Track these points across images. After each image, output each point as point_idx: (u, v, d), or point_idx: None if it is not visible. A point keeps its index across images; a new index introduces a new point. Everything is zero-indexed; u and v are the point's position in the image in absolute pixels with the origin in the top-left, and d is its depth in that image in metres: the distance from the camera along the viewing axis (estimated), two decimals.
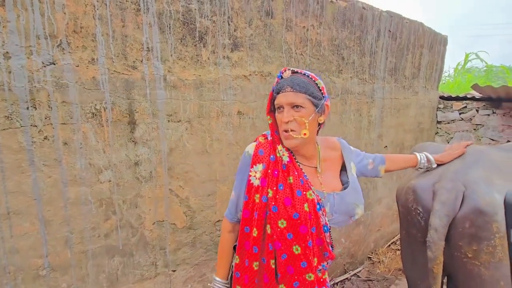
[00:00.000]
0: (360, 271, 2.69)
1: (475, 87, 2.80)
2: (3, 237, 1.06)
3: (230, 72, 1.56)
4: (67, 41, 1.10)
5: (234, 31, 1.54)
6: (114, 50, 1.21)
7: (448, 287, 1.71)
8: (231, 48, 1.55)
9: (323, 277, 1.00)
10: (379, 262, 2.82)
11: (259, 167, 0.90)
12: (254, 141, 0.97)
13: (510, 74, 6.16)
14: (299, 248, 0.88)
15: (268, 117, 0.94)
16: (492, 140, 3.12)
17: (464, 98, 3.33)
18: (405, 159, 1.27)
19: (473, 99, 3.26)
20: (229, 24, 1.52)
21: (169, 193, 1.45)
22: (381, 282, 2.57)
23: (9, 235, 1.07)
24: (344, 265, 2.60)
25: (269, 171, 0.89)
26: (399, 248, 3.06)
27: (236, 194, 0.97)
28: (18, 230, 1.08)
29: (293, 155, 0.94)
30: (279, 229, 0.87)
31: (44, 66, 1.07)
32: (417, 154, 1.29)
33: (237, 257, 0.96)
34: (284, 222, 0.86)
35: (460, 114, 3.31)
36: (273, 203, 0.87)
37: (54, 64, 1.09)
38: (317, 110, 0.87)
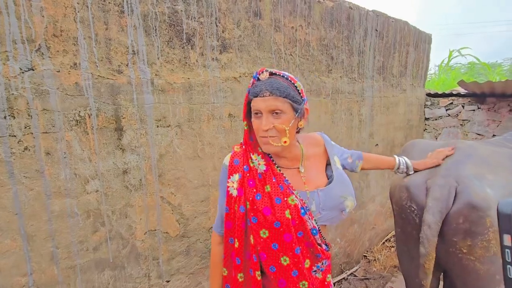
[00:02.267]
0: (356, 270, 2.69)
1: (461, 83, 2.86)
2: None
3: (219, 74, 1.53)
4: (46, 46, 1.04)
5: (222, 32, 1.51)
6: (97, 54, 1.16)
7: (444, 283, 1.72)
8: (220, 50, 1.52)
9: (327, 280, 0.96)
10: (374, 260, 2.82)
11: (236, 177, 0.88)
12: (231, 151, 0.94)
13: (491, 71, 6.36)
14: (287, 259, 0.85)
15: (245, 122, 0.88)
16: (479, 134, 3.19)
17: (450, 95, 3.40)
18: (382, 160, 1.26)
19: (458, 95, 3.33)
20: (217, 26, 1.49)
21: (161, 200, 1.40)
22: (377, 280, 2.58)
23: None
24: (341, 265, 2.59)
25: (245, 181, 0.87)
26: (393, 245, 3.09)
27: (220, 207, 0.95)
28: None
29: (273, 160, 0.90)
30: (262, 239, 0.84)
31: (22, 72, 1.01)
32: (397, 158, 1.29)
33: (224, 269, 0.94)
34: (266, 232, 0.84)
35: (446, 110, 3.37)
36: (252, 214, 0.84)
37: (32, 70, 1.03)
38: (297, 115, 0.81)
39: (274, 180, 0.86)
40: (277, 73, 0.82)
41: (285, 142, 0.80)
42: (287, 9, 1.78)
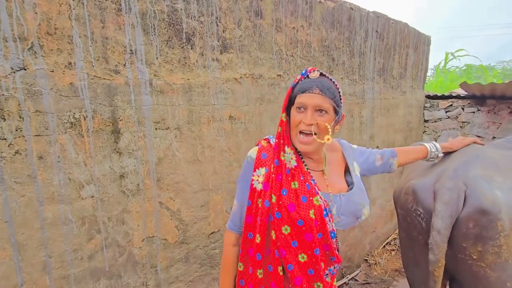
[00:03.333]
0: (357, 274, 2.65)
1: (463, 85, 2.85)
2: None
3: (220, 75, 1.49)
4: (39, 44, 0.99)
5: (223, 32, 1.47)
6: (93, 53, 1.11)
7: None
8: (220, 50, 1.47)
9: (333, 283, 0.96)
10: (375, 264, 2.79)
11: (262, 171, 0.87)
12: (256, 145, 0.93)
13: (487, 73, 6.40)
14: (305, 256, 0.84)
15: (284, 114, 0.88)
16: (479, 136, 3.18)
17: (450, 97, 3.39)
18: (416, 150, 1.24)
19: (458, 97, 3.32)
20: (217, 25, 1.44)
21: (159, 206, 1.35)
22: (379, 284, 2.54)
23: None
24: (342, 269, 2.55)
25: (272, 175, 0.85)
26: (394, 248, 3.06)
27: (239, 203, 0.91)
28: None
29: (302, 158, 0.90)
30: (283, 236, 0.83)
31: (13, 72, 0.95)
32: (426, 144, 1.26)
33: (240, 264, 0.91)
34: (288, 228, 0.83)
35: (446, 112, 3.36)
36: (276, 209, 0.83)
37: (25, 69, 0.97)
38: (336, 117, 0.85)
39: (302, 178, 0.86)
40: (326, 75, 0.86)
41: (328, 139, 0.81)
42: (288, 9, 1.75)
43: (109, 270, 1.22)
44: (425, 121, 3.50)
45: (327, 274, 0.91)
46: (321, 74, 0.85)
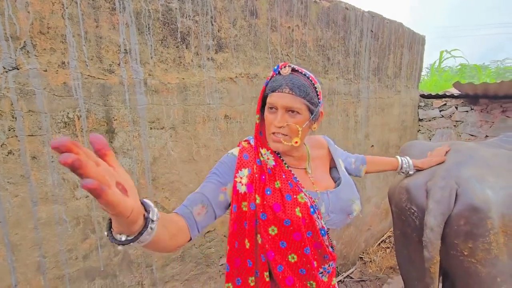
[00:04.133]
0: (352, 272, 2.67)
1: (456, 84, 2.88)
2: None
3: (215, 75, 1.49)
4: (32, 43, 0.98)
5: (218, 31, 1.47)
6: (87, 53, 1.10)
7: (444, 285, 1.71)
8: (216, 50, 1.47)
9: (332, 283, 0.94)
10: (370, 261, 2.81)
11: (245, 172, 0.82)
12: (237, 146, 0.89)
13: (481, 73, 6.47)
14: (295, 256, 0.82)
15: (257, 116, 0.85)
16: (472, 135, 3.22)
17: (444, 96, 3.42)
18: (385, 162, 1.25)
19: (452, 96, 3.36)
20: (212, 24, 1.44)
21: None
22: (374, 282, 2.57)
23: None
24: (337, 267, 2.57)
25: (256, 175, 0.82)
26: (389, 246, 3.09)
27: (202, 190, 0.78)
28: None
29: (280, 157, 0.87)
30: (270, 237, 0.79)
31: (6, 72, 0.95)
32: (399, 158, 1.27)
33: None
34: (275, 228, 0.79)
35: (440, 111, 3.40)
36: (261, 210, 0.79)
37: (17, 69, 0.97)
38: (312, 117, 0.79)
39: (284, 177, 0.83)
40: (299, 70, 0.79)
41: (296, 142, 0.78)
42: (283, 9, 1.75)
43: (104, 270, 1.22)
44: (420, 120, 3.54)
45: (322, 273, 0.89)
46: (293, 70, 0.78)
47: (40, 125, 1.02)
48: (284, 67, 0.78)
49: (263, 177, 0.82)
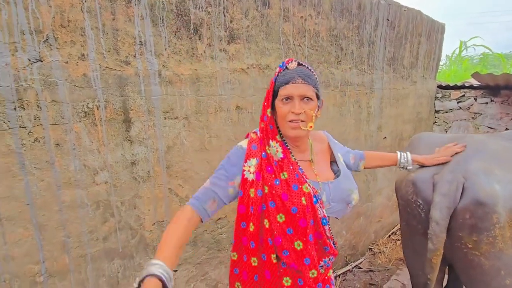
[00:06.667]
0: (361, 262, 2.70)
1: (475, 75, 2.77)
2: None
3: (227, 66, 1.51)
4: (54, 36, 1.04)
5: (230, 22, 1.48)
6: (105, 45, 1.15)
7: (449, 277, 1.71)
8: (228, 41, 1.49)
9: (328, 274, 0.99)
10: (380, 252, 2.83)
11: (253, 161, 0.89)
12: (246, 137, 0.96)
13: (505, 62, 6.16)
14: (300, 244, 0.87)
15: (269, 110, 0.90)
16: (491, 128, 3.12)
17: (462, 87, 3.30)
18: (384, 157, 1.26)
19: (471, 87, 3.24)
20: (224, 15, 1.46)
21: (168, 192, 1.41)
22: (382, 272, 2.59)
23: (3, 242, 1.02)
24: (346, 257, 2.61)
25: (263, 165, 0.89)
26: (399, 238, 3.09)
27: (213, 183, 0.87)
28: (12, 236, 1.04)
29: (289, 149, 0.92)
30: (278, 224, 0.86)
31: (31, 64, 1.00)
32: (399, 154, 1.27)
33: (234, 253, 0.95)
34: (283, 216, 0.85)
35: (458, 103, 3.29)
36: (270, 199, 0.86)
37: (41, 61, 1.02)
38: (318, 103, 0.88)
39: (291, 168, 0.89)
40: (304, 64, 0.88)
41: (310, 127, 0.85)
42: None
43: (122, 251, 1.30)
44: (436, 111, 3.44)
45: (322, 266, 0.93)
46: (299, 64, 0.87)
47: (63, 115, 1.09)
48: (291, 62, 0.87)
49: (269, 168, 0.88)
